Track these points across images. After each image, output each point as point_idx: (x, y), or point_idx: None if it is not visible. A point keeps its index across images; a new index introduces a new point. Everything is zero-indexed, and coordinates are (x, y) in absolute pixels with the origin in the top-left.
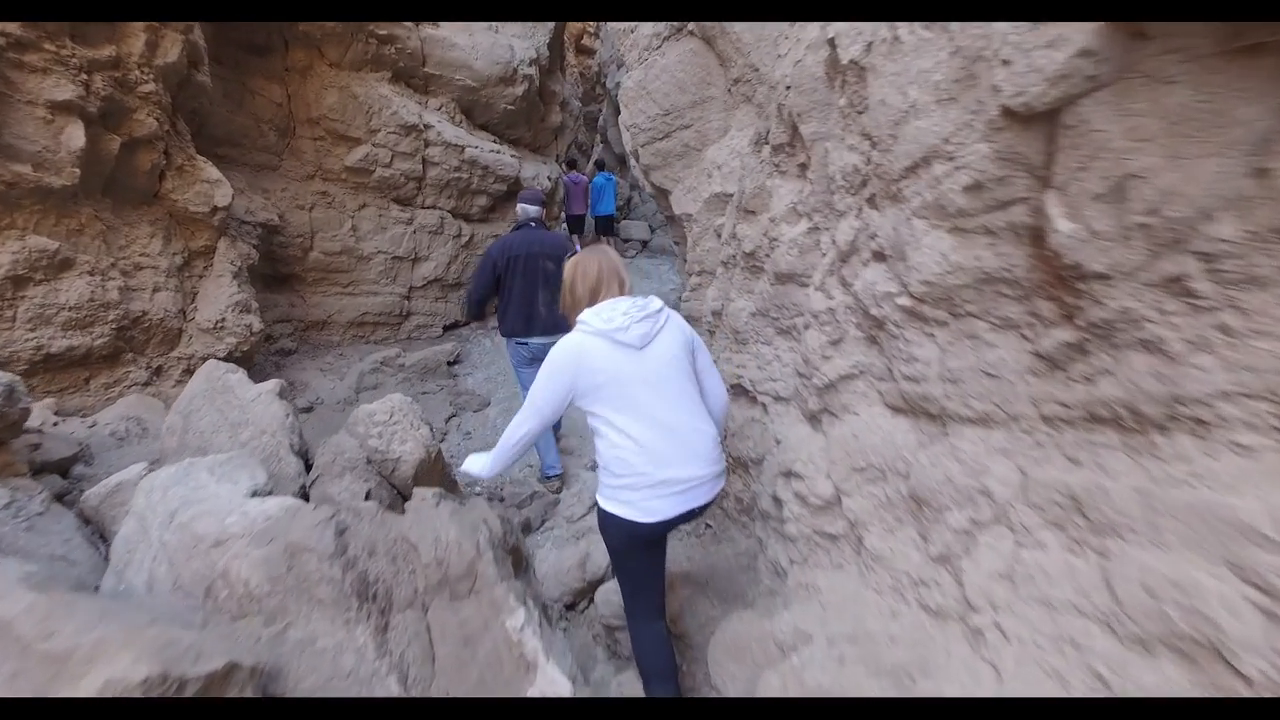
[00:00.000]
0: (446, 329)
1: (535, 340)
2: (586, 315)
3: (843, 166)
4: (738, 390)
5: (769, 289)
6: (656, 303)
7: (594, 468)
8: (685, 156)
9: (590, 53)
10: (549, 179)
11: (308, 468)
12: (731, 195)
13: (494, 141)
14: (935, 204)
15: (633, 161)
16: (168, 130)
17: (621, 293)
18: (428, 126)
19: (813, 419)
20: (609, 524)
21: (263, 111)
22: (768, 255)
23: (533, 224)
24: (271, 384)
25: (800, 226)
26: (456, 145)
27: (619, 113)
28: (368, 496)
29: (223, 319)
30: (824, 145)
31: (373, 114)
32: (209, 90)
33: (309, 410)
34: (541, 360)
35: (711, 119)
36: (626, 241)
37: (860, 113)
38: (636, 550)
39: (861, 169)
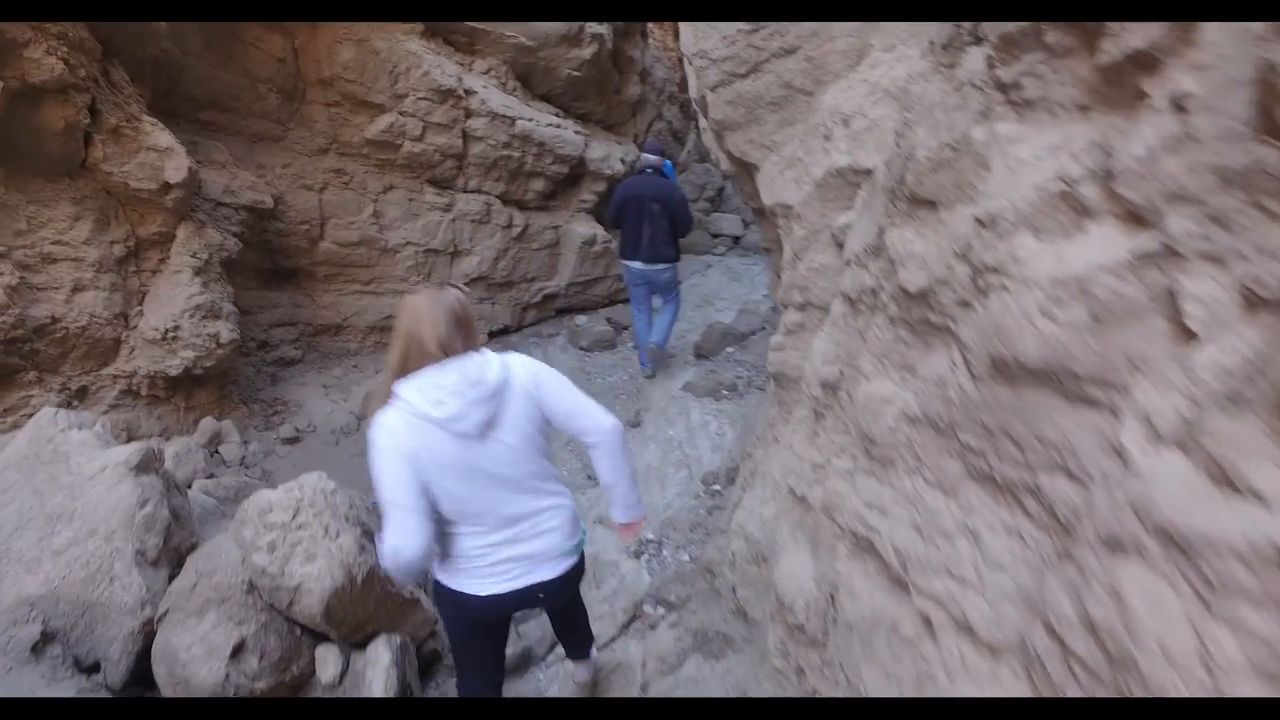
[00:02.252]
0: (492, 335)
1: (636, 264)
2: (405, 391)
3: None
4: (863, 548)
5: (969, 384)
6: (494, 367)
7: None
8: (784, 105)
9: None
10: (622, 162)
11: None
12: (871, 171)
13: (555, 114)
14: None
15: (701, 121)
16: (91, 80)
17: (446, 354)
18: (469, 92)
19: None
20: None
21: (259, 68)
22: (971, 304)
23: (649, 170)
24: (128, 451)
25: (1095, 246)
26: (505, 117)
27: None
28: (238, 651)
29: (175, 327)
30: None
31: (398, 75)
32: (180, 36)
33: (294, 441)
34: (642, 284)
35: (835, 35)
36: (716, 237)
37: None
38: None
39: None
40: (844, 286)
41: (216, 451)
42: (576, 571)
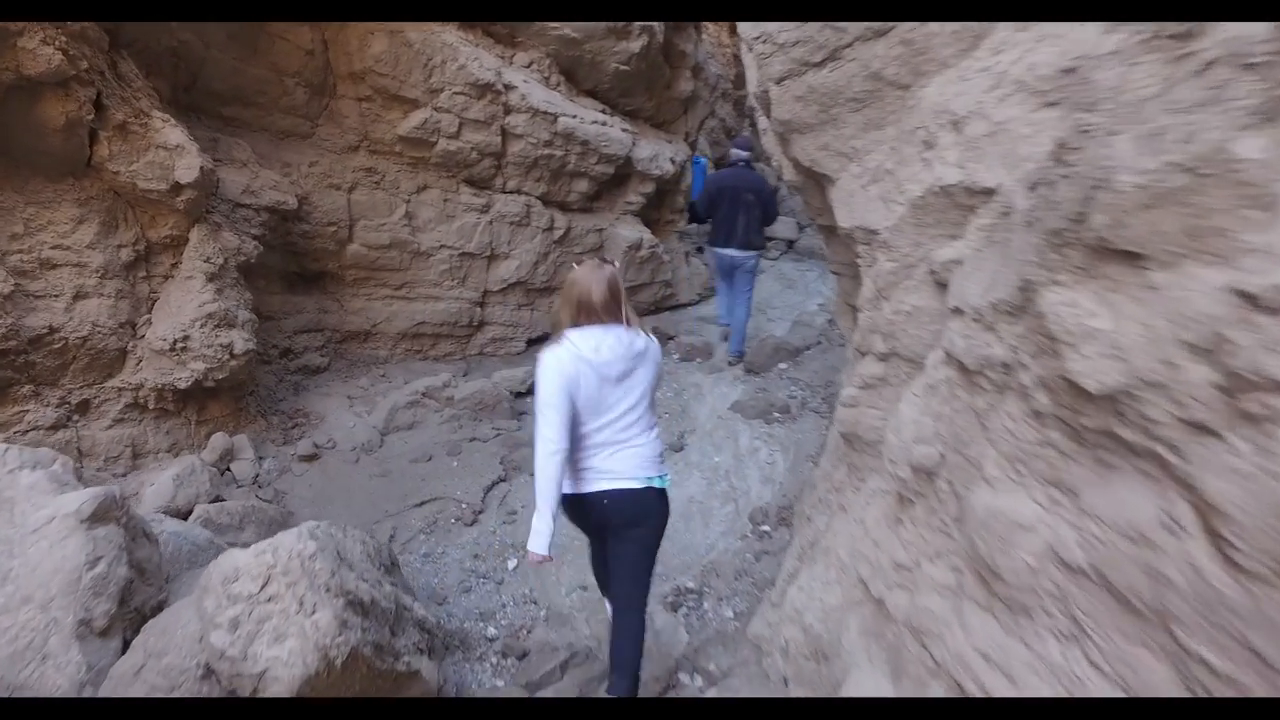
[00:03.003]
0: (530, 344)
1: (729, 251)
2: (574, 336)
3: None
4: None
5: (1216, 570)
6: (641, 339)
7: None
8: (870, 103)
9: None
10: (672, 162)
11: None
12: (993, 191)
13: (601, 111)
14: None
15: (762, 119)
16: (96, 73)
17: (610, 321)
18: (509, 87)
19: None
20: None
21: (286, 61)
22: (1222, 435)
23: (740, 164)
24: (80, 500)
25: None
26: (547, 113)
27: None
28: None
29: (185, 337)
30: None
31: (433, 68)
32: (200, 27)
33: (312, 459)
34: (732, 270)
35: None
36: (769, 240)
37: None
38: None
39: None
40: (951, 345)
41: (228, 469)
42: (655, 498)
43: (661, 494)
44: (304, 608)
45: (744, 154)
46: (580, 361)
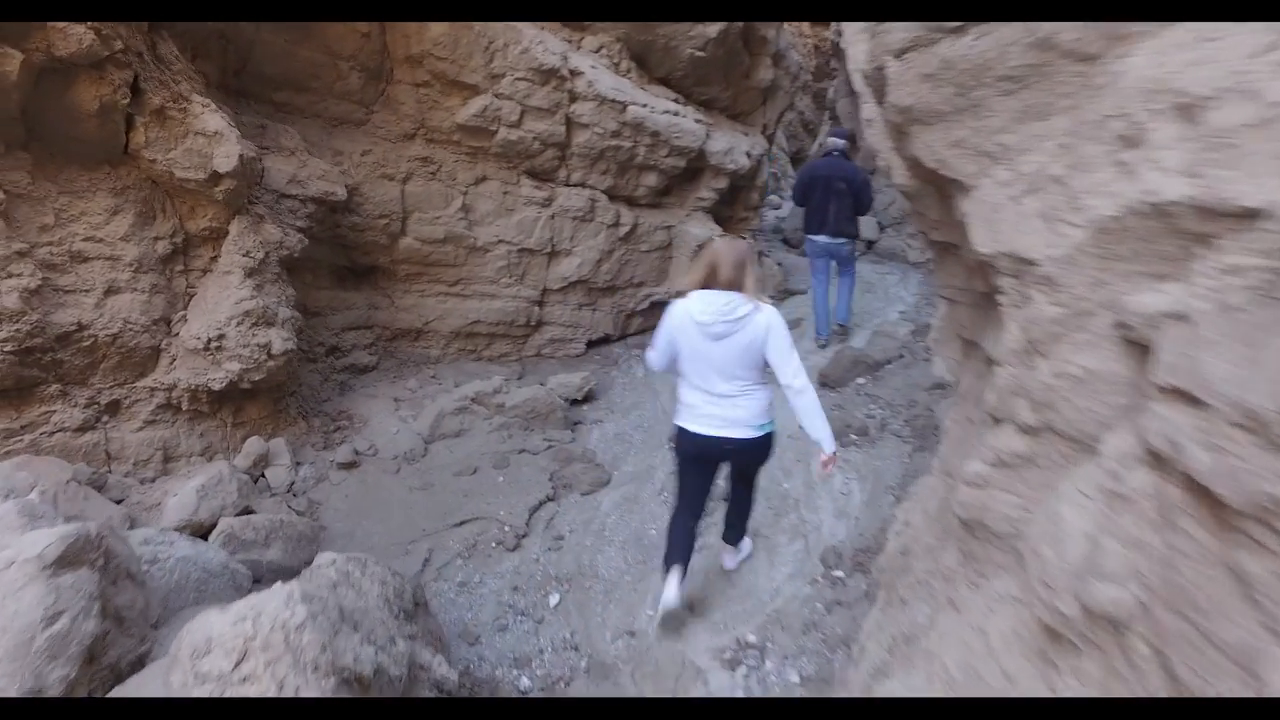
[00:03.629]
0: (591, 345)
1: (821, 238)
2: (692, 299)
3: None
4: None
5: None
6: (746, 308)
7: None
8: (1031, 83)
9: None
10: (748, 156)
11: None
12: (1261, 213)
13: (674, 100)
14: None
15: (873, 107)
16: (134, 55)
17: (725, 288)
18: (575, 73)
19: None
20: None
21: (340, 44)
22: None
23: (835, 153)
24: (45, 541)
25: None
26: (615, 101)
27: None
28: None
29: (221, 335)
30: None
31: (495, 52)
32: None
33: (351, 466)
34: (824, 256)
35: None
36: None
37: None
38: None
39: None
40: (1173, 449)
41: (261, 476)
42: (757, 446)
43: (759, 440)
44: (283, 691)
45: (840, 143)
46: (686, 316)
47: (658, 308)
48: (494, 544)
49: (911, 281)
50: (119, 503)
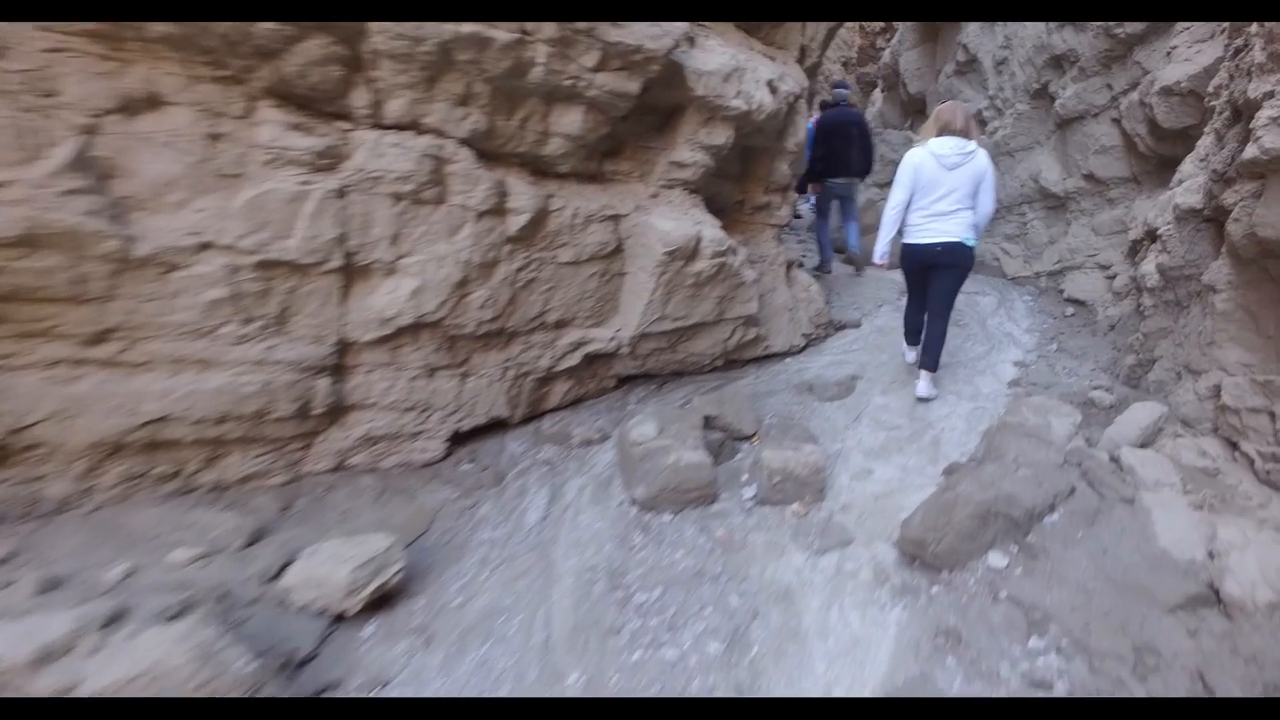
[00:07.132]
0: (460, 440)
1: (841, 180)
2: (932, 142)
3: None
4: None
5: None
6: (972, 147)
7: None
8: None
9: None
10: (772, 90)
11: None
12: None
13: None
14: None
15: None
16: None
17: (957, 135)
18: None
19: None
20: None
21: None
22: None
23: (843, 103)
24: None
25: None
26: None
27: None
28: None
29: None
30: None
31: None
32: None
33: None
34: (843, 197)
35: None
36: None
37: None
38: (910, 269)
39: None
40: None
41: None
42: (963, 250)
43: (970, 249)
44: None
45: (846, 93)
46: (926, 154)
47: (595, 363)
48: None
49: (1018, 308)
50: None
